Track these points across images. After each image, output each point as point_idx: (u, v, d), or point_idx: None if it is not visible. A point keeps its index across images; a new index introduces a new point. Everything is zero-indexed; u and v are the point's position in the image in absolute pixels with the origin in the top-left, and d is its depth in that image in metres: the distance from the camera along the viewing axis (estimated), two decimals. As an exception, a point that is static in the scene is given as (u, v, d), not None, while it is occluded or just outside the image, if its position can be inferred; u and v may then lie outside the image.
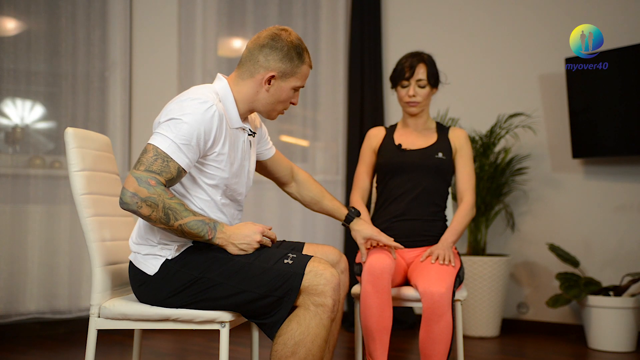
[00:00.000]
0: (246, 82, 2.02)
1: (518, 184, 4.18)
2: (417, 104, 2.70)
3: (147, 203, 1.80)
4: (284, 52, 1.99)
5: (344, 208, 2.42)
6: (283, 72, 2.00)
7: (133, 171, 1.83)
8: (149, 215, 1.82)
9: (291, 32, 2.03)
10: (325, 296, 1.85)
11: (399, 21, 4.67)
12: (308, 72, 2.06)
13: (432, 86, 2.70)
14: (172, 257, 1.95)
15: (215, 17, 4.43)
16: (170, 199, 1.83)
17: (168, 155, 1.83)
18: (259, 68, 2.00)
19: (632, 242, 3.89)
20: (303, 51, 2.03)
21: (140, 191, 1.79)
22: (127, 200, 1.80)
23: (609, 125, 3.88)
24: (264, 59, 1.99)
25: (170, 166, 1.84)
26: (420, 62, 2.68)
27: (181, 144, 1.84)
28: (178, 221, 1.84)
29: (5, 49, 3.90)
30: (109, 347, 3.54)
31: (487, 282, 3.95)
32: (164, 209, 1.81)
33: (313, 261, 1.89)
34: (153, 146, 1.85)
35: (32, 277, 3.85)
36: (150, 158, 1.83)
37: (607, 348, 3.60)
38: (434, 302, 2.33)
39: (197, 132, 1.86)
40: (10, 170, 3.87)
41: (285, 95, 2.04)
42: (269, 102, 2.04)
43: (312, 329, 1.84)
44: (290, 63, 2.00)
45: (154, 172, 1.82)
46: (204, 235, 1.88)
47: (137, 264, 1.98)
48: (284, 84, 2.02)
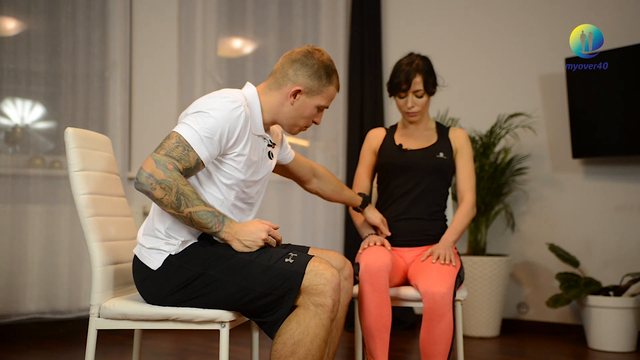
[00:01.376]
0: (273, 93, 2.07)
1: (518, 184, 4.18)
2: (416, 114, 2.70)
3: (162, 185, 1.83)
4: (314, 69, 2.04)
5: (358, 196, 2.64)
6: (310, 88, 2.05)
7: (153, 154, 1.85)
8: (161, 198, 1.84)
9: (324, 52, 2.10)
10: (325, 296, 1.86)
11: (399, 21, 4.67)
12: (334, 94, 2.11)
13: (429, 94, 2.70)
14: (176, 252, 1.95)
15: (215, 17, 4.43)
16: (185, 185, 1.86)
17: (190, 144, 1.87)
18: (288, 81, 2.05)
19: (632, 242, 3.89)
20: (332, 73, 2.08)
21: (156, 173, 1.83)
22: (142, 180, 1.83)
23: (609, 125, 3.88)
24: (294, 73, 2.05)
25: (190, 156, 1.87)
26: (416, 72, 2.63)
27: (204, 137, 1.88)
28: (189, 208, 1.86)
29: (5, 49, 3.90)
30: (109, 347, 3.54)
31: (487, 282, 3.95)
32: (177, 194, 1.84)
33: (314, 261, 1.90)
34: (177, 134, 1.88)
35: (32, 277, 3.85)
36: (172, 144, 1.87)
37: (607, 348, 3.60)
38: (435, 302, 2.33)
39: (222, 128, 1.90)
40: (10, 170, 3.87)
41: (308, 112, 2.08)
42: (292, 115, 2.08)
43: (311, 329, 1.84)
44: (319, 81, 2.05)
45: (173, 158, 1.85)
46: (212, 226, 1.90)
47: (141, 258, 1.99)
48: (309, 101, 2.06)
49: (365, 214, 2.64)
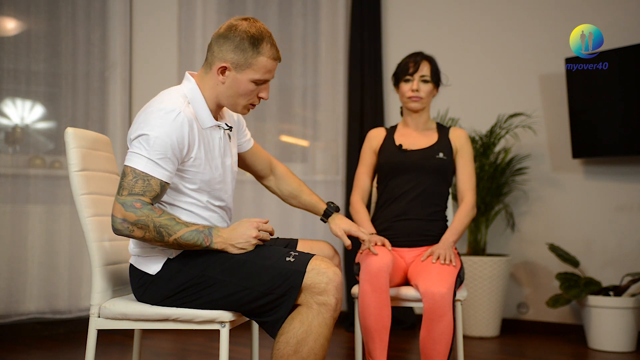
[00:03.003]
0: (208, 76, 1.97)
1: (518, 184, 4.18)
2: (420, 99, 2.71)
3: (138, 226, 1.82)
4: (236, 42, 1.91)
5: (322, 202, 2.37)
6: (236, 63, 1.92)
7: (117, 197, 1.83)
8: (142, 237, 1.84)
9: (254, 22, 1.95)
10: (328, 295, 1.85)
11: (399, 21, 4.67)
12: (269, 64, 1.94)
13: (434, 84, 2.72)
14: (174, 256, 1.95)
15: (215, 17, 4.43)
16: (160, 216, 1.83)
17: (147, 173, 1.83)
18: (214, 59, 1.95)
19: (632, 242, 3.89)
20: (261, 42, 1.92)
21: (128, 216, 1.81)
22: (118, 227, 1.83)
23: (609, 125, 3.88)
24: (218, 49, 1.94)
25: (152, 184, 1.84)
26: (424, 59, 2.74)
27: (157, 159, 1.84)
28: (172, 236, 1.85)
29: (5, 49, 3.90)
30: (109, 347, 3.54)
31: (487, 282, 3.95)
32: (155, 228, 1.83)
33: (315, 259, 1.89)
34: (131, 168, 1.84)
35: (32, 277, 3.85)
36: (130, 181, 1.83)
37: (607, 348, 3.60)
38: (435, 302, 2.33)
39: (171, 142, 1.85)
40: (10, 170, 3.87)
41: (244, 88, 1.95)
42: (228, 95, 1.97)
43: (314, 328, 1.84)
44: (243, 54, 1.92)
45: (137, 194, 1.82)
46: (201, 243, 1.88)
47: (138, 265, 1.98)
48: (240, 76, 1.94)
49: (331, 222, 2.35)
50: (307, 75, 4.61)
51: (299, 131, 4.67)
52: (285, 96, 4.56)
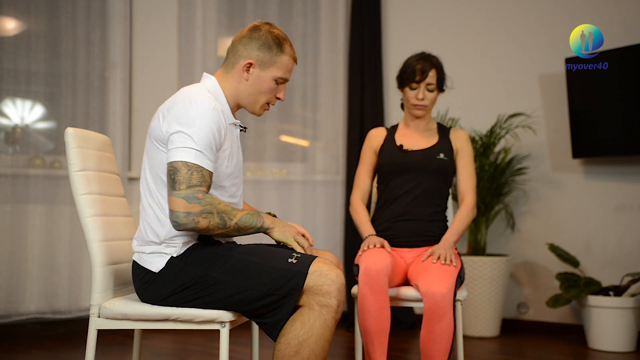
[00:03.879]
0: (229, 75, 2.06)
1: (518, 184, 4.18)
2: (425, 108, 2.71)
3: (203, 216, 1.84)
4: (262, 40, 2.02)
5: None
6: (261, 60, 2.02)
7: (176, 193, 1.84)
8: (207, 227, 1.86)
9: (273, 26, 2.07)
10: (330, 297, 1.85)
11: (399, 21, 4.67)
12: (290, 64, 2.07)
13: (440, 90, 2.73)
14: (177, 254, 1.95)
15: (215, 17, 4.43)
16: (219, 204, 1.88)
17: (199, 165, 1.86)
18: (239, 58, 2.04)
19: (632, 242, 3.89)
20: (283, 42, 2.05)
21: (193, 207, 1.83)
22: (183, 221, 1.83)
23: (609, 125, 3.88)
24: (244, 48, 2.03)
25: (205, 175, 1.87)
26: (431, 66, 2.69)
27: (204, 150, 1.88)
28: (233, 220, 1.88)
29: (5, 49, 3.90)
30: (109, 347, 3.54)
31: (487, 282, 3.95)
32: (218, 215, 1.86)
33: (318, 261, 1.89)
34: (183, 162, 1.86)
35: (32, 277, 3.85)
36: (186, 174, 1.85)
37: (607, 348, 3.60)
38: (435, 302, 2.33)
39: (212, 132, 1.90)
40: (10, 170, 3.87)
41: (266, 86, 2.05)
42: (250, 92, 2.05)
43: (316, 329, 1.84)
44: (269, 52, 2.02)
45: (196, 186, 1.85)
46: (256, 224, 1.93)
47: (141, 262, 1.99)
48: (263, 74, 2.03)
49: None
50: (307, 75, 4.61)
51: (299, 131, 4.67)
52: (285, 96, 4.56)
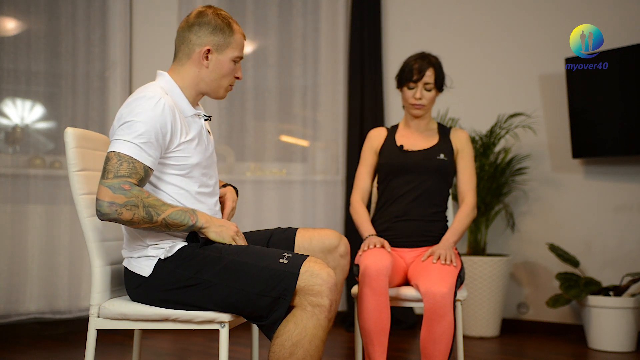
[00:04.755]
0: (186, 67, 2.05)
1: (518, 184, 4.18)
2: (423, 107, 2.71)
3: (127, 207, 1.81)
4: (212, 25, 2.02)
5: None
6: (217, 44, 2.02)
7: (103, 181, 1.83)
8: (130, 219, 1.83)
9: (216, 8, 2.07)
10: (321, 296, 1.84)
11: (399, 21, 4.67)
12: (242, 41, 2.08)
13: (437, 90, 2.72)
14: (165, 256, 1.94)
15: (215, 17, 4.42)
16: (148, 197, 1.85)
17: (131, 157, 1.84)
18: (194, 47, 2.03)
19: (632, 242, 3.89)
20: (231, 22, 2.05)
21: (117, 198, 1.81)
22: (105, 210, 1.81)
23: (609, 125, 3.88)
24: (195, 36, 2.02)
25: (137, 167, 1.85)
26: (429, 65, 2.69)
27: (141, 144, 1.85)
28: (160, 215, 1.86)
29: (5, 49, 3.90)
30: (109, 347, 3.54)
31: (487, 282, 3.95)
32: (144, 208, 1.83)
33: (309, 261, 1.88)
34: (114, 152, 1.85)
35: (32, 277, 3.85)
36: (115, 164, 1.83)
37: (607, 348, 3.60)
38: (435, 302, 2.33)
39: (154, 128, 1.88)
40: (10, 170, 3.87)
41: (226, 68, 2.05)
42: (212, 78, 2.05)
43: (309, 330, 1.83)
44: (222, 34, 2.02)
45: (124, 176, 1.82)
46: (187, 222, 1.90)
47: (131, 267, 1.98)
48: (222, 57, 2.04)
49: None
50: (307, 75, 4.61)
51: (299, 131, 4.67)
52: (285, 96, 4.56)
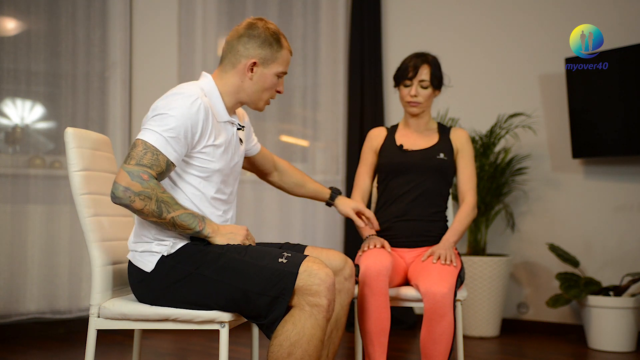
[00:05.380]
0: (229, 75, 2.06)
1: (518, 184, 4.18)
2: (418, 105, 2.70)
3: (141, 197, 1.83)
4: (262, 38, 2.04)
5: (326, 189, 2.50)
6: (264, 58, 2.04)
7: (124, 166, 1.85)
8: (141, 209, 1.84)
9: (267, 20, 2.09)
10: (319, 296, 1.84)
11: (399, 21, 4.67)
12: (289, 57, 2.10)
13: (434, 88, 2.71)
14: (168, 253, 1.95)
15: (215, 17, 4.43)
16: (163, 192, 1.86)
17: (157, 148, 1.86)
18: (240, 58, 2.04)
19: (632, 242, 3.89)
20: (280, 37, 2.07)
21: (133, 185, 1.82)
22: (119, 194, 1.82)
23: (609, 125, 3.88)
24: (244, 48, 2.04)
25: (160, 159, 1.87)
26: (424, 62, 2.69)
27: (169, 137, 1.87)
28: (170, 214, 1.87)
29: (5, 49, 3.90)
30: (109, 347, 3.54)
31: (487, 282, 3.95)
32: (157, 202, 1.85)
33: (307, 261, 1.88)
34: (142, 140, 1.87)
35: (32, 277, 3.85)
36: (140, 152, 1.86)
37: (607, 348, 3.60)
38: (435, 302, 2.33)
39: (184, 125, 1.90)
40: (10, 170, 3.87)
41: (269, 82, 2.07)
42: (254, 90, 2.07)
43: (307, 330, 1.83)
44: (270, 49, 2.05)
45: (145, 166, 1.84)
46: (195, 226, 1.91)
47: (134, 262, 1.99)
48: (267, 71, 2.06)
49: (337, 208, 2.50)
50: (307, 75, 4.61)
51: (299, 131, 4.67)
52: (285, 96, 4.56)
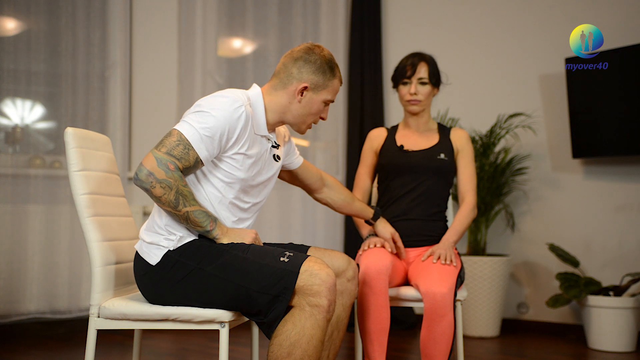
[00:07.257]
0: (279, 93, 2.08)
1: (518, 184, 4.18)
2: (418, 102, 2.70)
3: (162, 185, 1.86)
4: (317, 65, 2.07)
5: (369, 208, 2.57)
6: (315, 84, 2.07)
7: (154, 151, 1.88)
8: (159, 197, 1.87)
9: (323, 48, 2.12)
10: (320, 296, 1.85)
11: (399, 21, 4.67)
12: (339, 86, 2.14)
13: (433, 85, 2.71)
14: (174, 247, 1.96)
15: (215, 17, 4.43)
16: (184, 186, 1.90)
17: (190, 143, 1.89)
18: (292, 80, 2.07)
19: (632, 242, 3.89)
20: (335, 66, 2.11)
21: (157, 172, 1.85)
22: (142, 177, 1.85)
23: (609, 125, 3.88)
24: (298, 71, 2.07)
25: (190, 154, 1.89)
26: (421, 61, 2.70)
27: (204, 136, 1.90)
28: (186, 207, 1.90)
29: (5, 49, 3.90)
30: (109, 347, 3.54)
31: (487, 282, 3.95)
32: (176, 194, 1.87)
33: (309, 261, 1.89)
34: (178, 131, 1.91)
35: (32, 277, 3.85)
36: (173, 142, 1.89)
37: (607, 348, 3.60)
38: (435, 302, 2.33)
39: (222, 128, 1.92)
40: (10, 170, 3.87)
41: (316, 108, 2.10)
42: (300, 113, 2.10)
43: (307, 330, 1.84)
44: (323, 76, 2.07)
45: (174, 157, 1.88)
46: (206, 225, 1.93)
47: (141, 253, 2.00)
48: (316, 97, 2.08)
49: (377, 228, 2.58)
50: (307, 75, 4.60)
51: (299, 131, 4.66)
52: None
